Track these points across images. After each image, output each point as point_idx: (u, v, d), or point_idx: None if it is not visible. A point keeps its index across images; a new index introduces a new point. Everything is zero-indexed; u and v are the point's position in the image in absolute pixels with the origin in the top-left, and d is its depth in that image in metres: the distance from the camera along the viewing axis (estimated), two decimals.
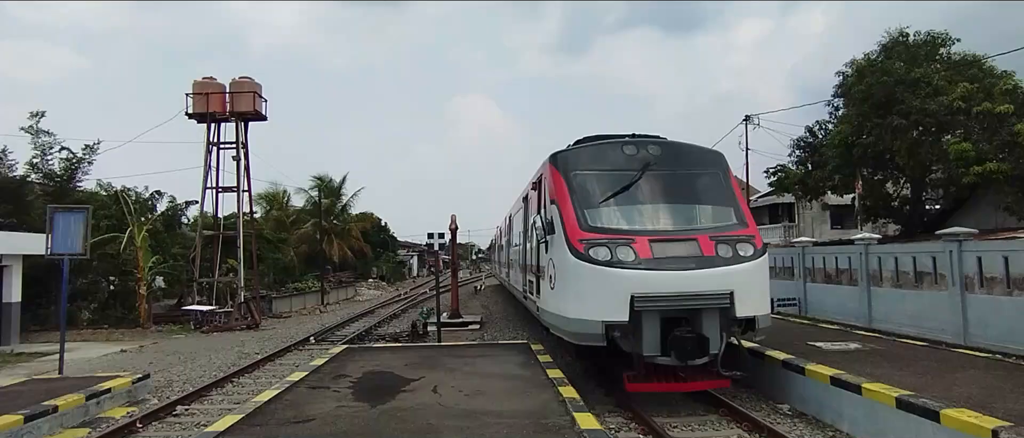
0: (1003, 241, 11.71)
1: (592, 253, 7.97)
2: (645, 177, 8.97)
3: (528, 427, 6.12)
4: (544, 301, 9.91)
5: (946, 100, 19.44)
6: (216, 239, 24.32)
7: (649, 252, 7.93)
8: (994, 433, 5.46)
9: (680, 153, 9.67)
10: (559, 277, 8.71)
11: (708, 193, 9.31)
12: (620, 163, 9.17)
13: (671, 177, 9.21)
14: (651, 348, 7.76)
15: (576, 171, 9.19)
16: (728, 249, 8.11)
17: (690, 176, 9.41)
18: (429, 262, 68.63)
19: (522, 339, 14.67)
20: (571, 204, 8.72)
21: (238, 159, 24.25)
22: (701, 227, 8.69)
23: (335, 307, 32.70)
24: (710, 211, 9.12)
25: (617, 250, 7.94)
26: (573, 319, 8.16)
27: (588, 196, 8.89)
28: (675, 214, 8.97)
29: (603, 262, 7.87)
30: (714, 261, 7.94)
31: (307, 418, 6.66)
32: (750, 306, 7.92)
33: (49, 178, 23.04)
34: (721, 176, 9.46)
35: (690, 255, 7.97)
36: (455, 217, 18.62)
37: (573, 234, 8.32)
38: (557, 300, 8.82)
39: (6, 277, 18.24)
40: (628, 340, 7.86)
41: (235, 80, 24.24)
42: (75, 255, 11.53)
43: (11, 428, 7.22)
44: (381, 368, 9.47)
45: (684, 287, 7.71)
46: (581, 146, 10.11)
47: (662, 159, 9.22)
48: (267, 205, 43.21)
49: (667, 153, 9.41)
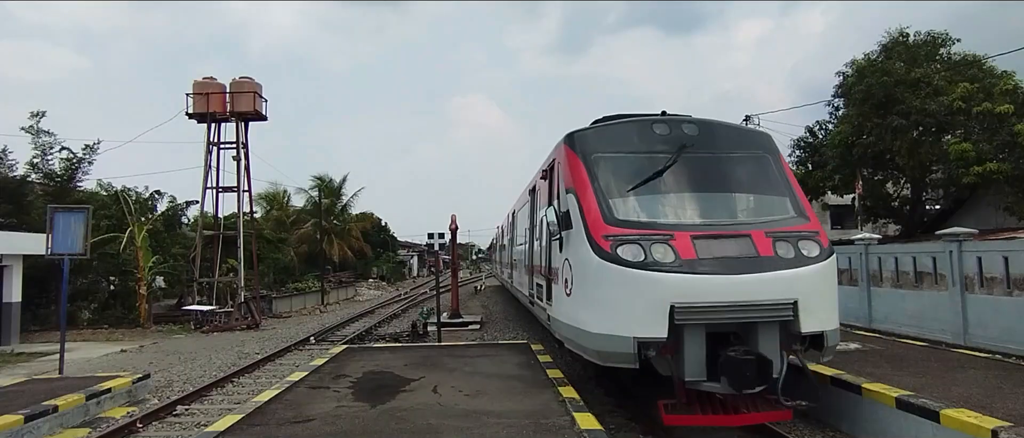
0: (1003, 241, 11.70)
1: (621, 252, 6.62)
2: (682, 160, 7.53)
3: (528, 427, 6.12)
4: (557, 309, 8.46)
5: (946, 100, 19.43)
6: (216, 239, 24.33)
7: (692, 251, 6.54)
8: (994, 433, 5.46)
9: (720, 133, 8.24)
10: (578, 281, 7.31)
11: (758, 180, 7.85)
12: (650, 144, 7.80)
13: (712, 160, 7.80)
14: (695, 371, 6.34)
15: (598, 153, 7.79)
16: (789, 248, 6.73)
17: (735, 159, 7.96)
18: (429, 262, 68.67)
19: (522, 339, 14.67)
20: (593, 193, 7.32)
21: (238, 159, 24.28)
22: (753, 220, 7.27)
23: (335, 307, 32.71)
24: (762, 201, 7.71)
25: (652, 248, 6.57)
26: (596, 334, 6.74)
27: (614, 183, 7.50)
28: (720, 204, 7.61)
29: (635, 263, 6.50)
30: (774, 262, 6.55)
31: (307, 418, 6.66)
32: (817, 319, 6.51)
33: (49, 178, 23.07)
34: (771, 160, 8.04)
35: (743, 255, 6.59)
36: (455, 217, 18.63)
37: (596, 228, 6.95)
38: (575, 309, 7.41)
39: (6, 277, 18.25)
40: (665, 361, 6.48)
41: (235, 80, 24.26)
42: (75, 255, 11.54)
43: (11, 428, 7.23)
44: (381, 368, 9.47)
45: (738, 295, 6.31)
46: (603, 124, 8.57)
47: (700, 140, 7.83)
48: (267, 205, 43.31)
49: (705, 133, 8.00)
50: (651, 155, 7.67)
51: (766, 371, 6.19)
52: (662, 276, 6.38)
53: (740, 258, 6.56)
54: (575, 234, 7.38)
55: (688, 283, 6.35)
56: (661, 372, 6.62)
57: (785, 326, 6.48)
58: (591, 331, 6.85)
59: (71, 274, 13.28)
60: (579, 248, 7.14)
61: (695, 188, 7.59)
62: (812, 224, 7.24)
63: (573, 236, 7.45)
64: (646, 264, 6.47)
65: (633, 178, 7.50)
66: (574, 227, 7.41)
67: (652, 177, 7.44)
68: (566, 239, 7.74)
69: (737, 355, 6.21)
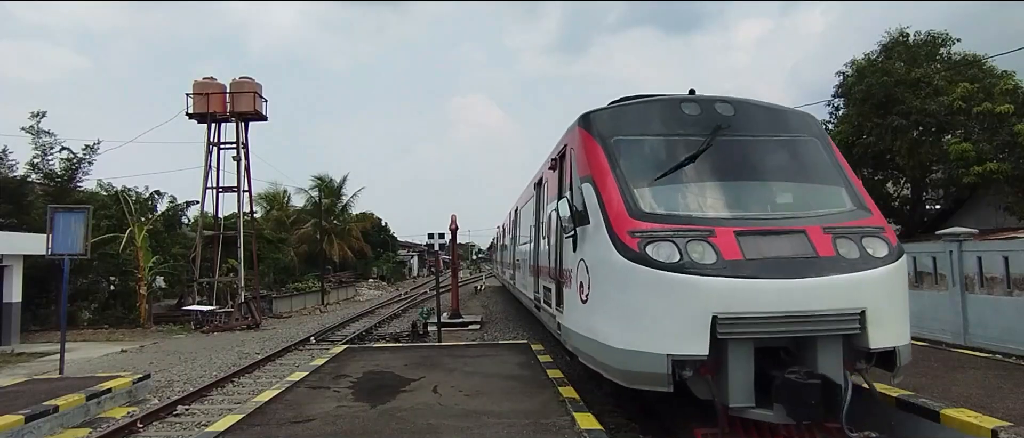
0: (1003, 241, 11.70)
1: (651, 251, 5.69)
2: (717, 145, 6.62)
3: (528, 427, 6.12)
4: (570, 317, 7.48)
5: (946, 100, 19.43)
6: (216, 239, 24.34)
7: (737, 250, 5.64)
8: (994, 433, 5.47)
9: (759, 113, 7.37)
10: (597, 286, 6.32)
11: (806, 166, 6.93)
12: (680, 126, 6.92)
13: (752, 144, 6.93)
14: (742, 395, 5.45)
15: (620, 136, 6.91)
16: (852, 246, 5.81)
17: (777, 143, 7.06)
18: (429, 262, 68.67)
19: (522, 339, 14.66)
20: (615, 181, 6.39)
21: (238, 159, 24.29)
22: (806, 214, 6.27)
23: (335, 307, 32.71)
24: (813, 191, 6.76)
25: (689, 247, 5.67)
26: (620, 350, 5.76)
27: (639, 170, 6.60)
28: (765, 195, 6.69)
29: (669, 265, 5.57)
30: (836, 264, 5.62)
31: (307, 418, 6.66)
32: (888, 332, 5.59)
33: (49, 178, 23.10)
34: (819, 144, 7.18)
35: (799, 255, 5.67)
36: (455, 217, 18.63)
37: (620, 223, 6.02)
38: (593, 319, 6.42)
39: (7, 277, 18.26)
40: (704, 383, 5.55)
41: (235, 80, 24.27)
42: (75, 255, 11.55)
43: (12, 428, 7.23)
44: (381, 368, 9.47)
45: (795, 304, 5.39)
46: (624, 104, 7.64)
47: (737, 121, 6.94)
48: (267, 205, 43.34)
49: (742, 113, 7.13)
50: (682, 138, 6.76)
51: (833, 397, 5.25)
52: (702, 280, 5.45)
53: (795, 259, 5.63)
54: (593, 230, 6.42)
55: (734, 289, 5.42)
56: (698, 396, 5.70)
57: (849, 340, 5.57)
58: (614, 346, 5.86)
59: (71, 274, 13.28)
60: (599, 247, 6.22)
61: (735, 176, 6.65)
62: (875, 218, 6.32)
63: (591, 232, 6.51)
64: (682, 266, 5.56)
65: (662, 164, 6.56)
66: (592, 222, 6.47)
67: (684, 163, 6.48)
68: (582, 236, 6.79)
69: (798, 378, 5.22)
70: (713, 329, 5.35)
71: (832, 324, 5.45)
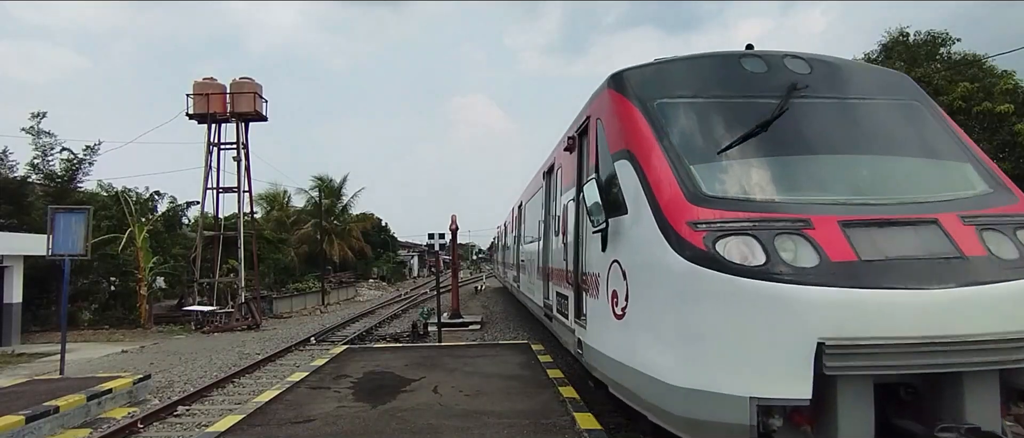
0: None
1: (724, 249, 4.19)
2: (795, 109, 5.15)
3: (528, 427, 6.13)
4: (598, 336, 5.98)
5: (946, 100, 19.44)
6: (217, 239, 24.35)
7: (848, 248, 4.10)
8: None
9: (842, 71, 5.91)
10: (640, 298, 4.86)
11: (915, 136, 5.40)
12: (742, 86, 5.46)
13: (841, 108, 5.46)
14: None
15: (666, 99, 5.42)
16: (1004, 242, 4.29)
17: (872, 107, 5.59)
18: (429, 262, 68.70)
19: (522, 339, 14.67)
20: (664, 156, 4.90)
21: (238, 159, 24.29)
22: (932, 198, 4.70)
23: (335, 307, 32.72)
24: (932, 168, 5.20)
25: (778, 243, 4.14)
26: (680, 389, 4.22)
27: (696, 142, 5.14)
28: (871, 173, 5.06)
29: (753, 270, 4.07)
30: (990, 267, 4.11)
31: (308, 418, 6.67)
32: None
33: (50, 179, 23.14)
34: (924, 109, 5.72)
35: (935, 254, 4.14)
36: (455, 217, 18.62)
37: (676, 211, 4.52)
38: (636, 343, 4.89)
39: (7, 278, 18.29)
40: (802, 434, 4.09)
41: (235, 81, 24.27)
42: (76, 256, 11.56)
43: (13, 428, 7.25)
44: (381, 368, 9.48)
45: (940, 325, 3.88)
46: (668, 61, 6.07)
47: (815, 80, 5.47)
48: (267, 205, 43.37)
49: (821, 71, 5.65)
50: (746, 101, 5.35)
51: None
52: (802, 292, 3.93)
53: (931, 260, 4.10)
54: (633, 222, 5.03)
55: (850, 304, 3.90)
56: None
57: (1007, 376, 4.08)
58: (669, 383, 4.30)
59: (72, 275, 13.30)
60: (643, 244, 4.81)
61: (824, 148, 5.17)
62: (1021, 202, 4.80)
63: (629, 225, 5.12)
64: (771, 271, 4.04)
65: (724, 134, 5.08)
66: (631, 211, 5.07)
67: (756, 131, 4.97)
68: (616, 230, 5.37)
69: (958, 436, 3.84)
70: (817, 361, 3.86)
71: (991, 354, 3.91)
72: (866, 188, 4.90)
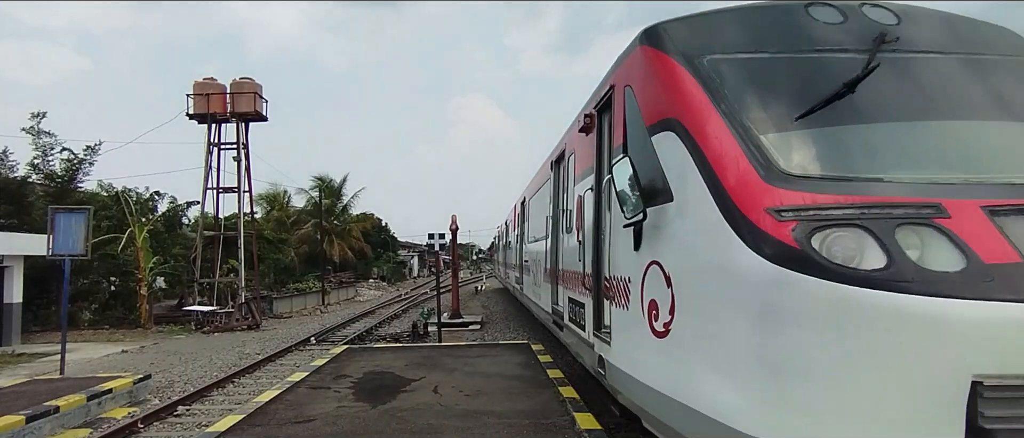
0: None
1: (820, 245, 3.09)
2: (887, 64, 4.01)
3: (528, 427, 6.14)
4: (627, 356, 4.92)
5: None
6: (217, 239, 24.36)
7: (1006, 245, 3.02)
8: None
9: (935, 22, 4.71)
10: (691, 311, 3.82)
11: None
12: (815, 39, 4.33)
13: (944, 65, 4.32)
14: None
15: (719, 55, 4.28)
16: None
17: (982, 63, 4.44)
18: (429, 262, 68.70)
19: (522, 339, 14.68)
20: (725, 123, 3.79)
21: (239, 160, 24.30)
22: None
23: (336, 307, 32.73)
24: None
25: (900, 236, 3.07)
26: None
27: (766, 105, 4.00)
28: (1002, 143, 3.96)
29: (869, 276, 2.96)
30: None
31: (308, 418, 6.67)
32: None
33: (50, 179, 23.16)
34: None
35: None
36: (455, 217, 18.65)
37: (747, 192, 3.45)
38: (683, 369, 3.86)
39: (7, 278, 18.30)
40: None
41: (235, 81, 24.27)
42: (76, 256, 11.56)
43: (13, 428, 7.25)
44: (382, 368, 9.48)
45: None
46: (716, 12, 4.81)
47: (907, 32, 4.36)
48: (268, 205, 43.38)
49: (912, 22, 4.54)
50: (822, 55, 4.22)
51: None
52: (947, 307, 2.83)
53: None
54: (682, 210, 3.98)
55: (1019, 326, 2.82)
56: None
57: None
58: (741, 431, 3.18)
59: (72, 275, 13.31)
60: (699, 238, 3.78)
61: (935, 113, 4.09)
62: None
63: (676, 214, 4.04)
64: (896, 277, 2.93)
65: (800, 97, 3.91)
66: (680, 195, 4.00)
67: (842, 92, 3.83)
68: (657, 222, 4.24)
69: None
70: (971, 407, 2.80)
71: None
72: (1007, 163, 3.69)
